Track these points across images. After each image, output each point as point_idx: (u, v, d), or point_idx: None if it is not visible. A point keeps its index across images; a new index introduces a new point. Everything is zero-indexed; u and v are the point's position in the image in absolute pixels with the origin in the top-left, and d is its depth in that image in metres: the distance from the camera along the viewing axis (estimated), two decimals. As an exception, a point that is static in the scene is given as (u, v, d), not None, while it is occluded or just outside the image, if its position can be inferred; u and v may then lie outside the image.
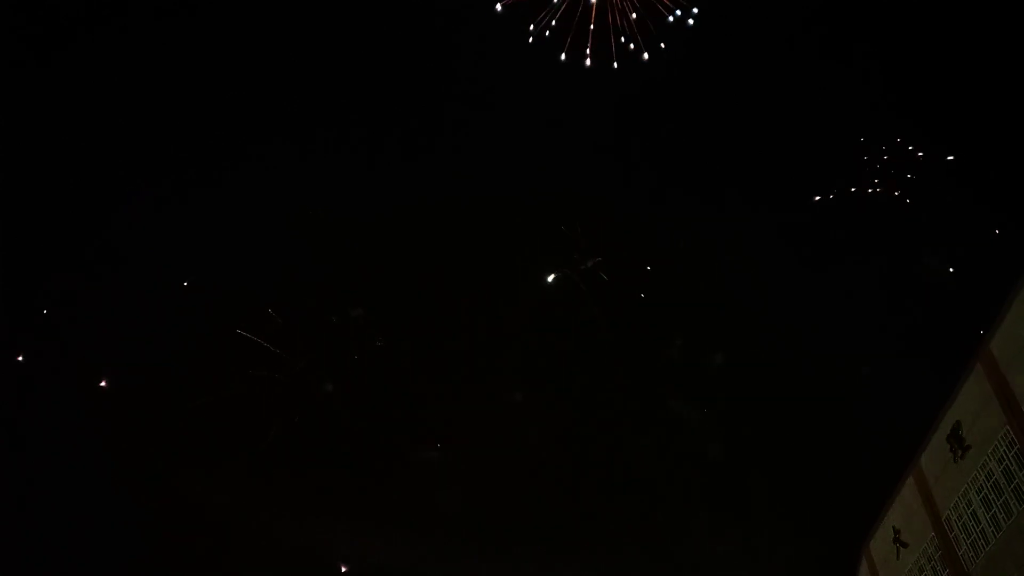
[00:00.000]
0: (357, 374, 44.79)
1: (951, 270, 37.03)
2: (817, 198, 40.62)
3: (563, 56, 39.06)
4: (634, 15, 37.73)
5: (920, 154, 38.32)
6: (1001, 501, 25.01)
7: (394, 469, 45.85)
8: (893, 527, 31.61)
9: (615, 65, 38.52)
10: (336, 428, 45.14)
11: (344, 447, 45.37)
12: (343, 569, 44.83)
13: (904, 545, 30.86)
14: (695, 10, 37.96)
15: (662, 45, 38.43)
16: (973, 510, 26.48)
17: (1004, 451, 24.52)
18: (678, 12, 37.83)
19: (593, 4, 37.57)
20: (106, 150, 41.31)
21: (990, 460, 25.26)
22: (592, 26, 37.88)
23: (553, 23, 38.21)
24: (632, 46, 38.10)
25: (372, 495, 45.01)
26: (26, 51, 38.44)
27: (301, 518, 44.25)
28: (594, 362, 44.87)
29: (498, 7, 38.48)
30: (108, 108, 40.80)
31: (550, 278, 42.86)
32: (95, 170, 41.33)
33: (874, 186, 38.90)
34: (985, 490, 25.74)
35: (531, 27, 38.61)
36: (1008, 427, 24.01)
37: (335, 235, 43.17)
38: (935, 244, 37.65)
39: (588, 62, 38.77)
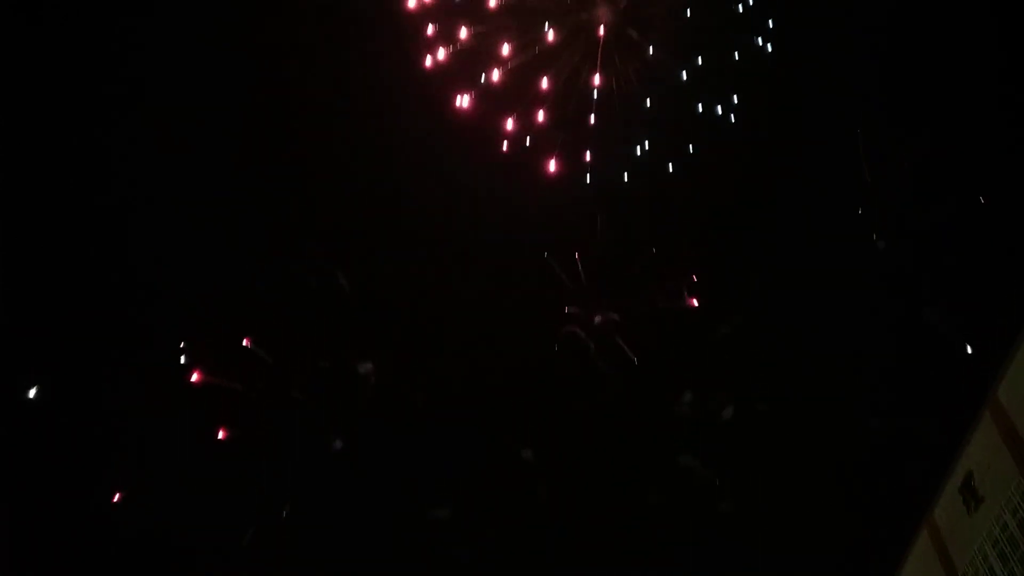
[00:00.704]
0: (361, 428, 44.65)
1: (956, 322, 36.82)
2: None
3: None
4: None
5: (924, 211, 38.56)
6: (1018, 555, 24.31)
7: (406, 527, 45.38)
8: (909, 583, 30.83)
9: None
10: (344, 486, 44.85)
11: (352, 505, 45.01)
12: None
13: (921, 603, 30.03)
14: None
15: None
16: (990, 565, 25.77)
17: (1018, 502, 23.93)
18: None
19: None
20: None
21: (1004, 512, 24.66)
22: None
23: None
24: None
25: (383, 553, 44.57)
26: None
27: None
28: (604, 418, 44.66)
29: None
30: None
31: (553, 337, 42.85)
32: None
33: (877, 242, 39.08)
34: (1001, 543, 25.05)
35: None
36: (1021, 477, 23.51)
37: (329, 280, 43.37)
38: (940, 296, 37.56)
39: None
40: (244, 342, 41.64)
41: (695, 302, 41.91)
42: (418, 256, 44.38)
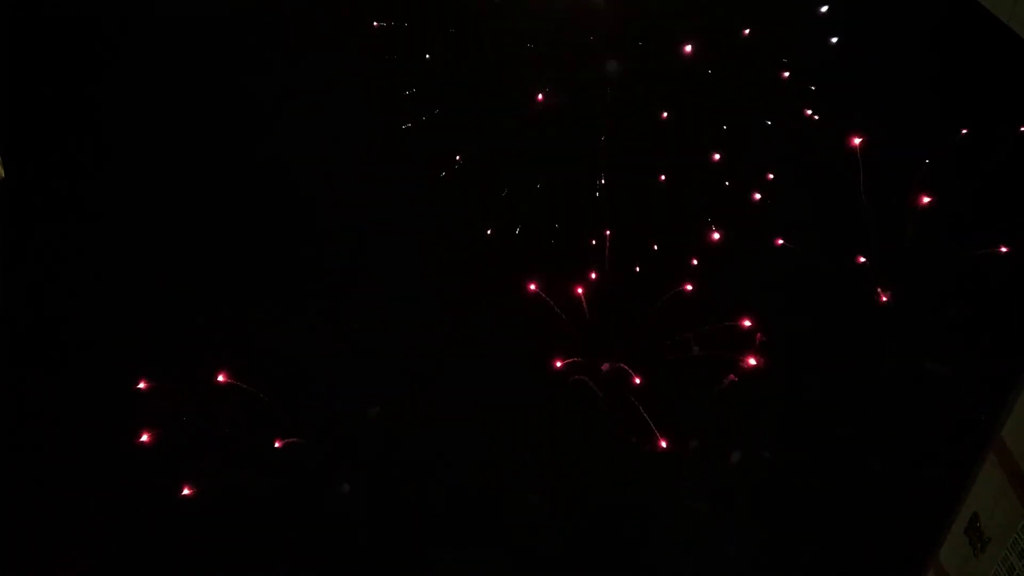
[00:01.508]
0: (367, 473, 44.65)
1: (956, 367, 37.17)
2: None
3: None
4: None
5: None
6: (1026, 597, 24.39)
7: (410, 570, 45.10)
8: (916, 627, 30.71)
9: None
10: (347, 529, 44.70)
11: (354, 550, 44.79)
12: None
13: (929, 646, 29.90)
14: None
15: None
16: (997, 607, 25.76)
17: (1024, 544, 24.09)
18: None
19: None
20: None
21: (1011, 554, 24.75)
22: None
23: None
24: None
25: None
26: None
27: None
28: (607, 458, 44.68)
29: None
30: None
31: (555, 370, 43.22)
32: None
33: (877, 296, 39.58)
34: (1009, 586, 25.12)
35: None
36: (1026, 518, 23.65)
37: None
38: (944, 338, 37.92)
39: None
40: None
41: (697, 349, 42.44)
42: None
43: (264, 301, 43.86)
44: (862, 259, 38.96)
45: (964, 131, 36.25)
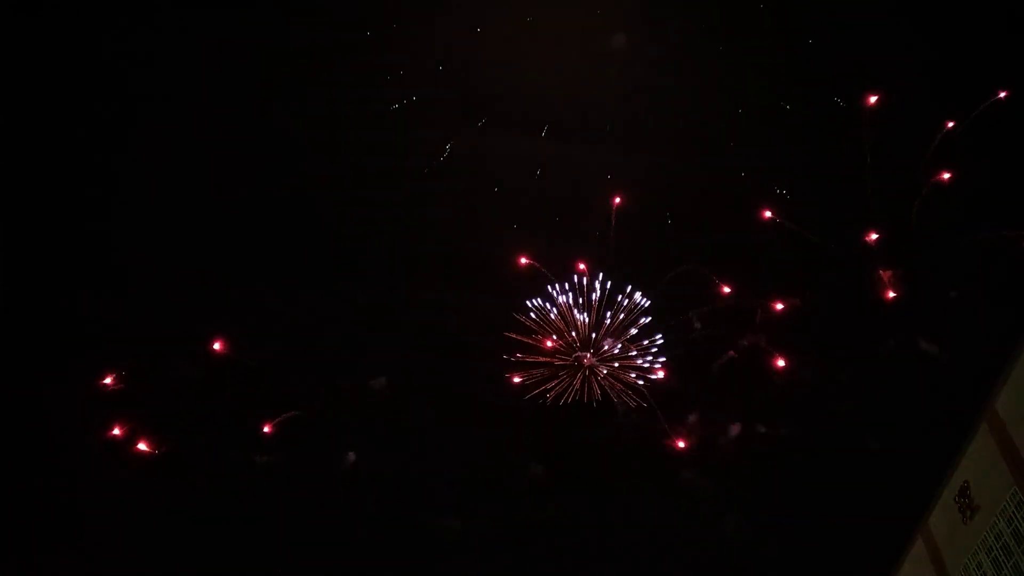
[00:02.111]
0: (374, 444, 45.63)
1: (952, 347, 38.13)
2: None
3: None
4: None
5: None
6: (1011, 563, 25.52)
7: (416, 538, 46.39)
8: (905, 589, 32.02)
9: None
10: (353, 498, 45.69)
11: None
12: None
13: (917, 608, 31.20)
14: None
15: None
16: (984, 572, 26.96)
17: (1013, 511, 25.14)
18: None
19: None
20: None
21: (999, 521, 25.87)
22: None
23: None
24: None
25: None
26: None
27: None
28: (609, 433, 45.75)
29: None
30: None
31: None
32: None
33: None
34: (995, 551, 26.26)
35: None
36: (1016, 487, 24.73)
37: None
38: (939, 309, 38.77)
39: None
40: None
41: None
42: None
43: (269, 273, 44.48)
44: (867, 237, 39.58)
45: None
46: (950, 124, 36.46)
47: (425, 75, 43.03)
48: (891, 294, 38.83)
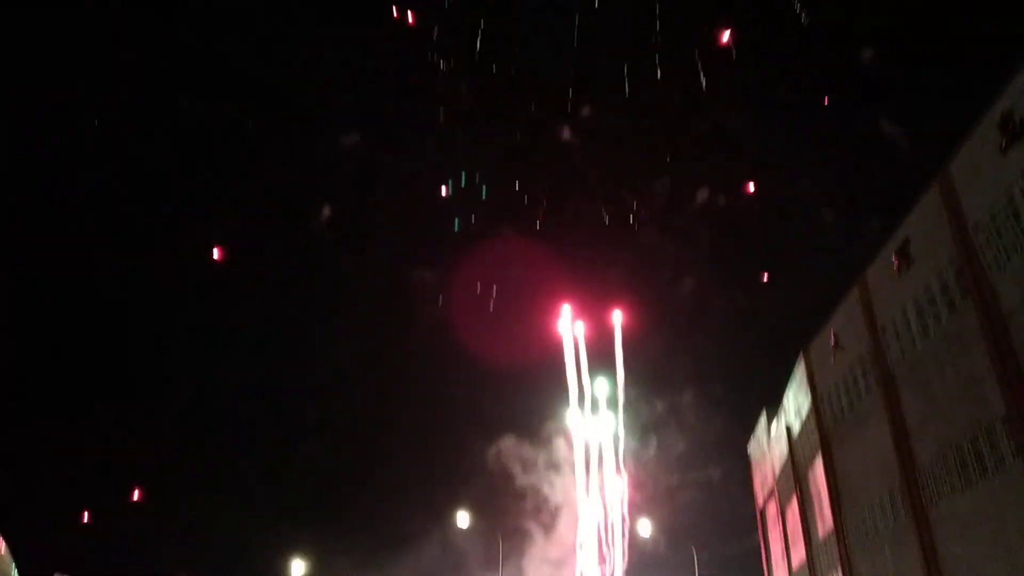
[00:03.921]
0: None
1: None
2: None
3: None
4: None
5: None
6: (933, 311, 27.57)
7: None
8: (833, 332, 34.72)
9: None
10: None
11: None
12: None
13: (840, 348, 34.08)
14: None
15: None
16: (907, 319, 29.16)
17: (945, 266, 26.69)
18: None
19: None
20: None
21: (930, 275, 27.53)
22: None
23: None
24: None
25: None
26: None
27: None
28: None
29: None
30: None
31: None
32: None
33: None
34: (921, 302, 28.23)
35: None
36: (952, 243, 26.03)
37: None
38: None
39: None
40: None
41: None
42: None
43: None
44: None
45: None
46: None
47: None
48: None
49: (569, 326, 61.43)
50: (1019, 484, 22.76)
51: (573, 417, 62.30)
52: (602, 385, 62.74)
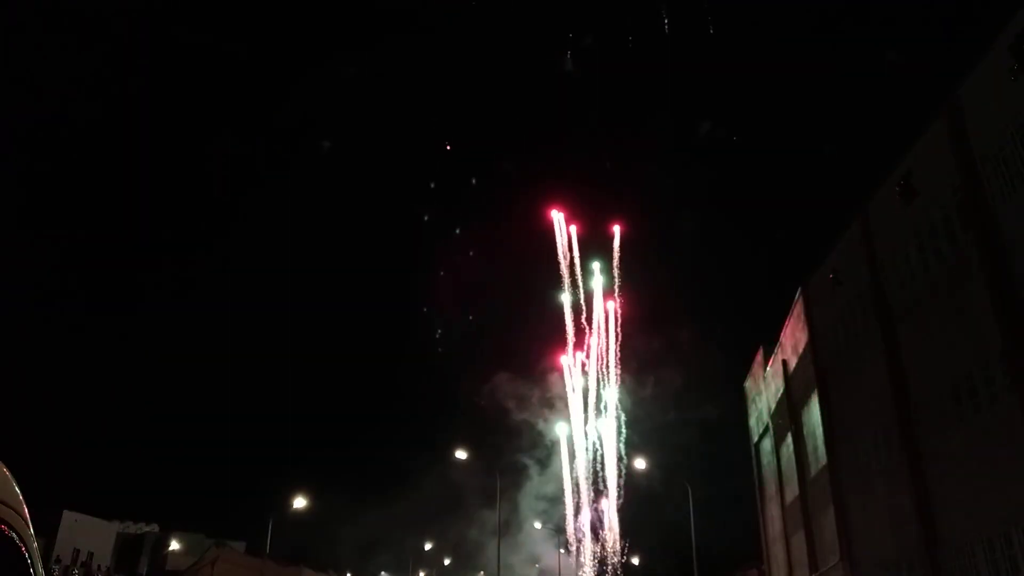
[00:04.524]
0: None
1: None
2: None
3: None
4: None
5: None
6: (934, 245, 26.76)
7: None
8: (833, 267, 33.97)
9: None
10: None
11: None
12: None
13: (839, 284, 33.36)
14: None
15: None
16: (907, 252, 28.37)
17: (948, 199, 25.79)
18: None
19: None
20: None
21: (932, 206, 26.64)
22: None
23: None
24: None
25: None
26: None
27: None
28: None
29: None
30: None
31: None
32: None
33: None
34: (922, 235, 27.41)
35: None
36: (956, 174, 25.09)
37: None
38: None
39: None
40: None
41: None
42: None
43: None
44: None
45: None
46: None
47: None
48: None
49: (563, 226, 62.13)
50: (1012, 420, 22.25)
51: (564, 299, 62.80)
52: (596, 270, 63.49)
